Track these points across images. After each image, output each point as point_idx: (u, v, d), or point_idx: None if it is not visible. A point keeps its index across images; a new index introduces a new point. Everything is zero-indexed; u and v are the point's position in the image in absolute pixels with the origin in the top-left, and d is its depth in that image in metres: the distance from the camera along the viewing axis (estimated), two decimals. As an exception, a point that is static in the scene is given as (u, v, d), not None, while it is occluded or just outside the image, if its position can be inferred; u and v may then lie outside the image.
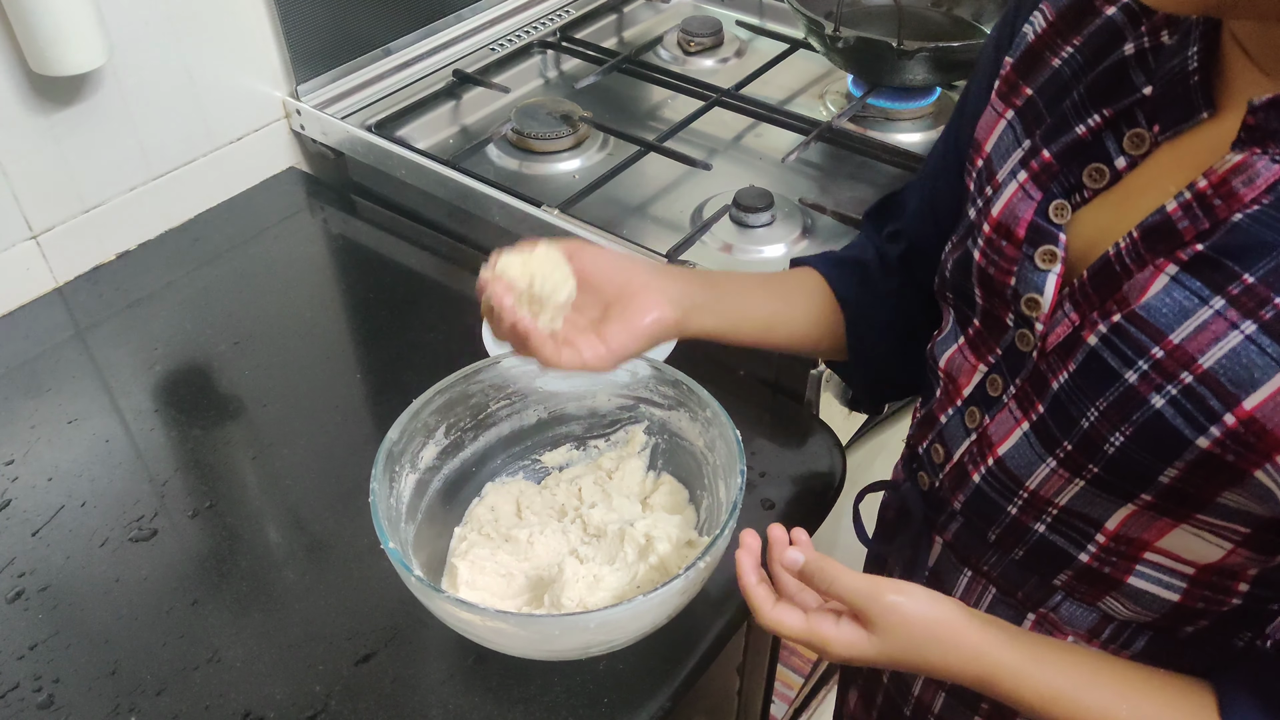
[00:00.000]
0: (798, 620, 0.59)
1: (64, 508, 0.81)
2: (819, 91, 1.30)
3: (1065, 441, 0.55)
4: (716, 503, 0.73)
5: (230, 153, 1.14)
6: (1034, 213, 0.57)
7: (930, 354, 0.68)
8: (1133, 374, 0.51)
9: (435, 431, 0.75)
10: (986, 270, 0.60)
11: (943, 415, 0.67)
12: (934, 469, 0.68)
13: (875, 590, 0.56)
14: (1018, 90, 0.60)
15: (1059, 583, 0.61)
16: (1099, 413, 0.52)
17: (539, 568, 0.73)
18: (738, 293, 0.73)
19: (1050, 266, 0.56)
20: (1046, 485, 0.57)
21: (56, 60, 0.90)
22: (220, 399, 0.92)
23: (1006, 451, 0.59)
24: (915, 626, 0.56)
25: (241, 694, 0.69)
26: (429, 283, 1.06)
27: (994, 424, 0.61)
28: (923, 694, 0.74)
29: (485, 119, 1.26)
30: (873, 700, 0.82)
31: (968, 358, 0.64)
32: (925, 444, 0.69)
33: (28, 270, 1.01)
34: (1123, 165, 0.54)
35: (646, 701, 0.69)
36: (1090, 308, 0.54)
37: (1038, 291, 0.57)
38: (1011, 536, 0.62)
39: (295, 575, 0.77)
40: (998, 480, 0.61)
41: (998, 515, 0.62)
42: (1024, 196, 0.57)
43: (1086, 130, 0.55)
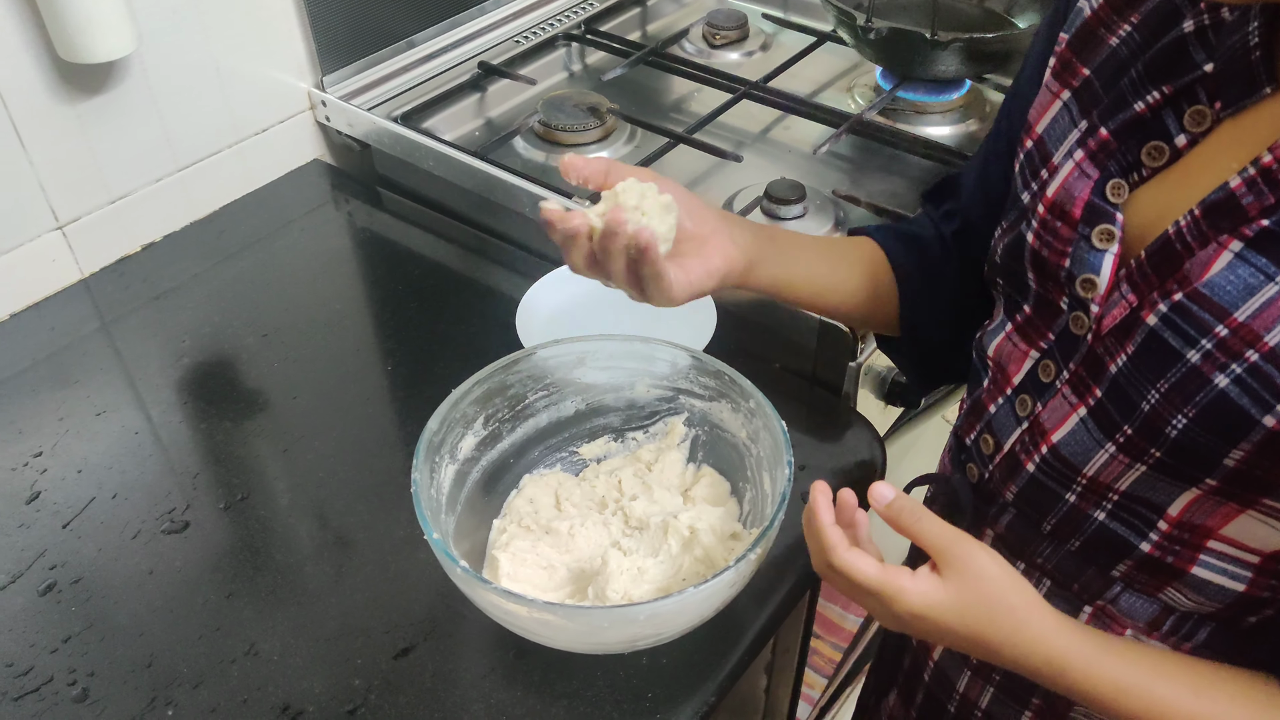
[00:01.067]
0: (872, 565, 0.56)
1: (94, 500, 0.80)
2: (846, 84, 1.29)
3: (1125, 426, 0.54)
4: (761, 495, 0.72)
5: (255, 144, 1.13)
6: (1090, 191, 0.56)
7: (978, 344, 0.67)
8: (1195, 353, 0.50)
9: (474, 422, 0.73)
10: (1040, 252, 0.59)
11: (991, 405, 0.65)
12: (984, 460, 0.66)
13: (961, 536, 0.55)
14: (1074, 70, 0.59)
15: (1118, 574, 0.60)
16: (1160, 394, 0.51)
17: (580, 560, 0.71)
18: (798, 252, 0.73)
19: (1107, 246, 0.55)
20: (1106, 471, 0.56)
21: (85, 47, 0.89)
22: (249, 392, 0.90)
23: (1061, 438, 0.58)
24: (994, 585, 0.54)
25: (279, 687, 0.68)
26: (456, 275, 1.05)
27: (1046, 411, 0.60)
28: (968, 690, 0.73)
29: (510, 111, 1.25)
30: (912, 699, 0.80)
31: (1017, 345, 0.63)
32: (974, 435, 0.68)
33: (54, 261, 1.00)
34: (1183, 143, 0.53)
35: (691, 696, 0.68)
36: (1150, 288, 0.52)
37: (1094, 272, 0.55)
38: (1068, 526, 0.61)
39: (330, 568, 0.76)
40: (1053, 469, 0.60)
41: (1054, 504, 0.61)
42: (1080, 175, 0.56)
43: (1145, 107, 0.54)
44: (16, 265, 0.96)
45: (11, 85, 0.89)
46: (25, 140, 0.92)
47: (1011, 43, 1.13)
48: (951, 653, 0.74)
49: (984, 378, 0.67)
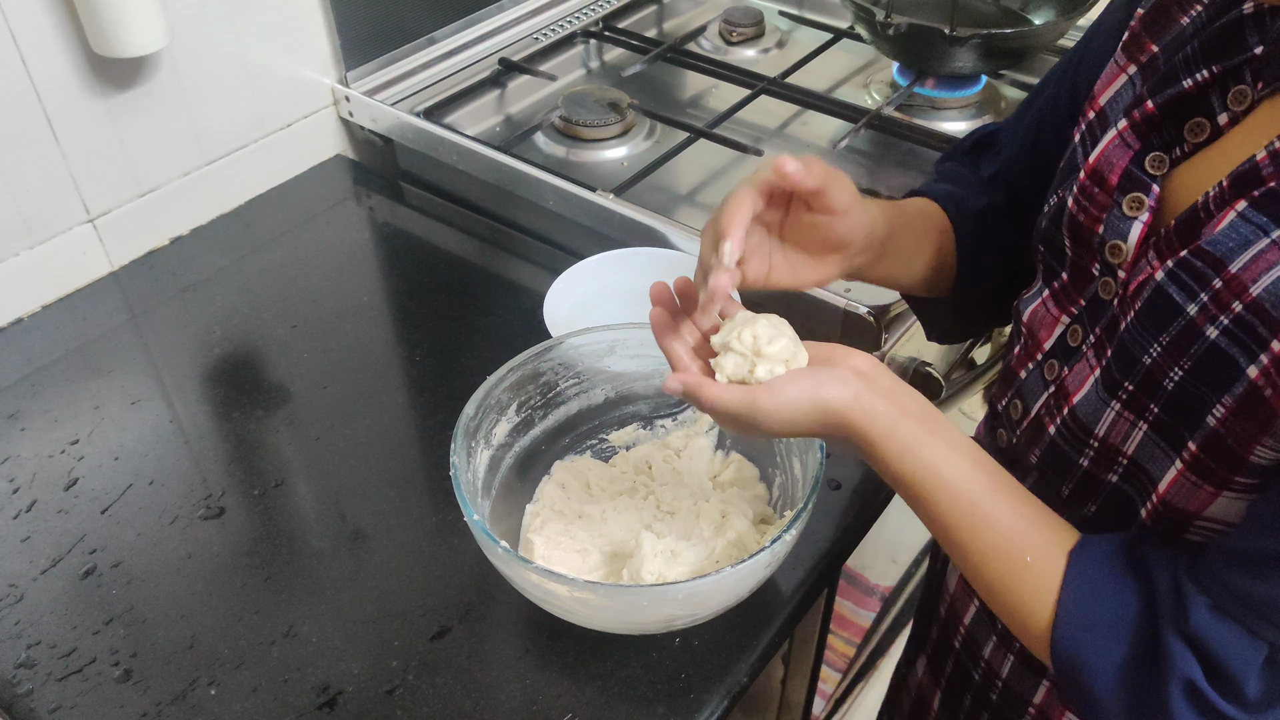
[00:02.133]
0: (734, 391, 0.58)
1: (132, 486, 0.82)
2: (863, 80, 1.30)
3: (1126, 382, 0.55)
4: (791, 479, 0.73)
5: (280, 139, 1.14)
6: (1129, 161, 0.57)
7: (1015, 310, 0.69)
8: (1193, 306, 0.51)
9: (507, 409, 0.75)
10: (1077, 217, 0.60)
11: (1022, 370, 0.67)
12: (1012, 425, 0.68)
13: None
14: (1143, 46, 0.60)
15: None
16: (1161, 348, 0.53)
17: (613, 543, 0.73)
18: (899, 242, 0.72)
19: (1136, 214, 0.56)
20: (1113, 431, 0.57)
21: (119, 41, 0.90)
22: (280, 381, 0.92)
23: (1079, 400, 0.59)
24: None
25: (319, 668, 0.69)
26: (479, 268, 1.06)
27: (1071, 374, 0.61)
28: (992, 658, 0.74)
29: (530, 107, 1.26)
30: (941, 668, 0.82)
31: (1050, 310, 0.64)
32: (1005, 401, 0.69)
33: (85, 254, 1.01)
34: (1224, 121, 0.54)
35: (724, 676, 0.69)
36: (1171, 254, 0.54)
37: (1122, 238, 0.57)
38: (1083, 491, 0.62)
39: (365, 552, 0.77)
40: (1070, 431, 0.61)
41: (1070, 469, 0.62)
42: (1121, 144, 0.58)
43: (1194, 84, 0.55)
44: (49, 257, 0.98)
45: (46, 79, 0.91)
46: (58, 133, 0.94)
47: (1028, 39, 1.15)
48: (979, 618, 0.75)
49: (1016, 343, 0.69)
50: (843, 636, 1.61)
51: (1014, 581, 0.56)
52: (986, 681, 0.75)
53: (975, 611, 0.76)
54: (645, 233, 0.99)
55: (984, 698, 0.75)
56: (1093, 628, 0.53)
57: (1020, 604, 0.56)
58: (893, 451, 0.57)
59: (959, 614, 0.78)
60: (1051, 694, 0.70)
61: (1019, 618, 0.56)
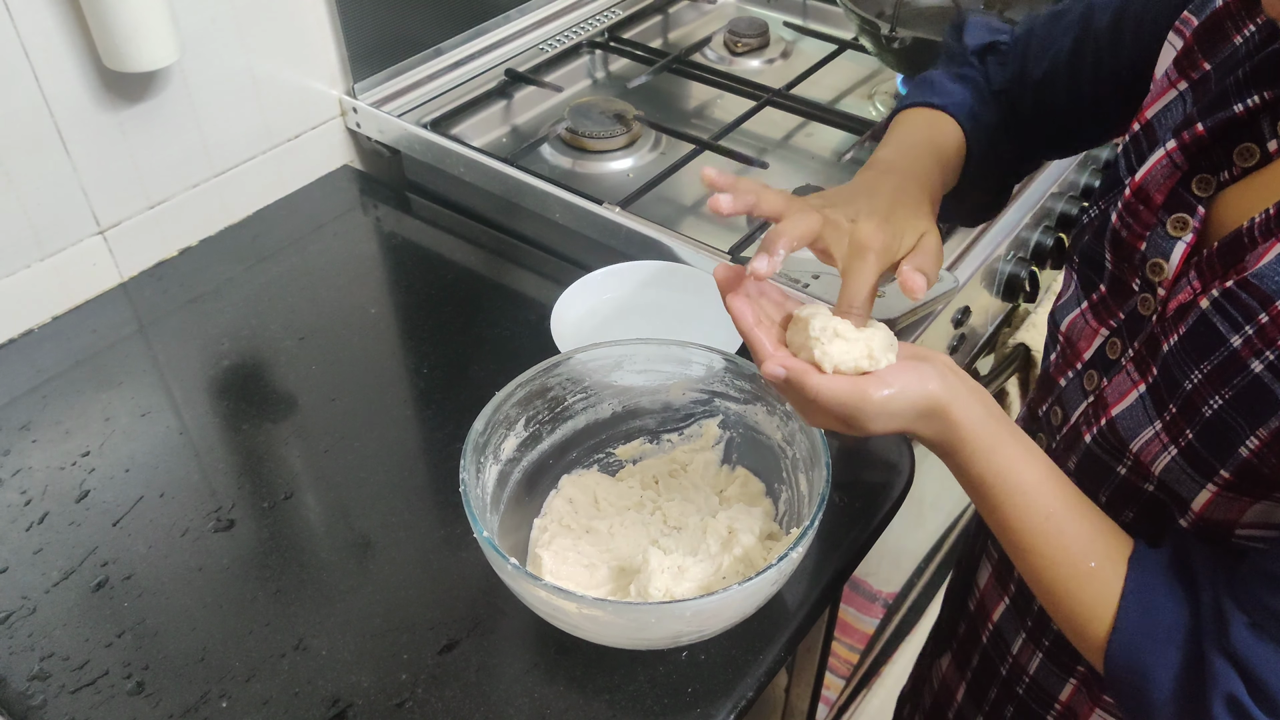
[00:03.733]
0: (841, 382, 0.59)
1: (143, 498, 0.82)
2: (867, 92, 1.31)
3: (1171, 404, 0.56)
4: (797, 496, 0.74)
5: (288, 150, 1.15)
6: (1176, 182, 0.58)
7: (1051, 317, 0.70)
8: (1238, 338, 0.51)
9: (516, 424, 0.75)
10: (1120, 232, 0.61)
11: (1061, 379, 0.68)
12: (1052, 431, 0.69)
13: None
14: (1196, 63, 0.60)
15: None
16: (1202, 376, 0.53)
17: (620, 559, 0.73)
18: (941, 179, 0.74)
19: (1180, 235, 0.57)
20: (1147, 450, 0.58)
21: (131, 56, 0.91)
22: (289, 394, 0.92)
23: (1119, 413, 0.60)
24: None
25: (329, 681, 0.70)
26: (486, 279, 1.07)
27: (1110, 386, 0.62)
28: (1020, 654, 0.75)
29: (536, 118, 1.27)
30: (967, 661, 0.83)
31: (1089, 321, 0.65)
32: (1045, 407, 0.70)
33: (94, 265, 1.02)
34: (1275, 148, 0.55)
35: (730, 690, 0.70)
36: (1214, 277, 0.54)
37: (1164, 257, 0.58)
38: (1121, 498, 0.62)
39: (373, 565, 0.78)
40: (1107, 442, 0.61)
41: (1107, 477, 0.62)
42: (1169, 165, 0.58)
43: (1244, 109, 0.55)
44: (59, 269, 0.98)
45: (58, 93, 0.92)
46: (70, 147, 0.94)
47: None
48: (1009, 615, 0.76)
49: (1053, 350, 0.70)
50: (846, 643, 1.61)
51: (1077, 588, 0.57)
52: (1014, 676, 0.76)
53: (1005, 609, 0.77)
54: (651, 246, 1.00)
55: (1010, 691, 0.77)
56: (1152, 635, 0.54)
57: (1081, 609, 0.57)
58: (978, 451, 0.58)
59: (988, 610, 0.79)
60: (1079, 691, 0.71)
61: (1078, 623, 0.57)
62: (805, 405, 0.60)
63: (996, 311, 1.18)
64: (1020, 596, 0.75)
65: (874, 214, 0.64)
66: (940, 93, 0.78)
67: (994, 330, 1.21)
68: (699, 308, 0.94)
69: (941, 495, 1.49)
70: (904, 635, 1.75)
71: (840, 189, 0.69)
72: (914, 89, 0.80)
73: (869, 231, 0.62)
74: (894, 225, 0.64)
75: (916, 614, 1.76)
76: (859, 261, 0.62)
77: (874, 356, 0.58)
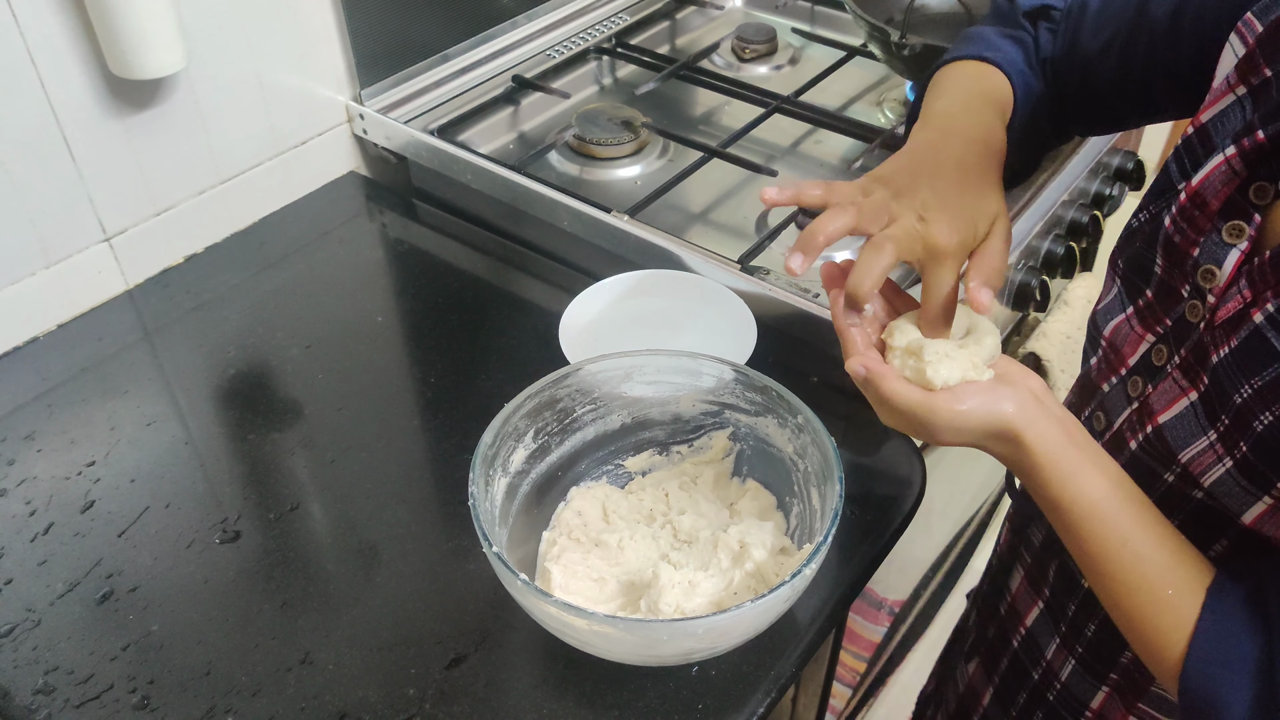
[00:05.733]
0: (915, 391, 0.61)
1: (148, 509, 0.82)
2: (876, 98, 1.30)
3: (1224, 415, 0.55)
4: (809, 510, 0.73)
5: (294, 157, 1.14)
6: (1234, 189, 0.57)
7: (1092, 322, 0.69)
8: None
9: (524, 436, 0.75)
10: (1173, 238, 0.60)
11: (1104, 384, 0.67)
12: (1095, 437, 0.68)
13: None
14: (1258, 69, 0.59)
15: (1213, 554, 0.60)
16: (1252, 390, 0.53)
17: (630, 573, 0.73)
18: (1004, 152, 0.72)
19: (1236, 242, 0.56)
20: (1198, 461, 0.57)
21: (138, 64, 0.90)
22: (295, 403, 0.92)
23: (1167, 421, 0.59)
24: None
25: (336, 696, 0.69)
26: (494, 287, 1.06)
27: (1155, 393, 0.61)
28: (1054, 659, 0.75)
29: (543, 125, 1.26)
30: (996, 665, 0.83)
31: (1135, 328, 0.64)
32: (1087, 412, 0.70)
33: (100, 273, 1.01)
34: None
35: (742, 706, 0.69)
36: (1265, 287, 0.54)
37: (1217, 264, 0.57)
38: (1167, 504, 0.61)
39: (380, 578, 0.77)
40: (1154, 448, 0.61)
41: (1154, 484, 0.62)
42: (1228, 171, 0.57)
43: None
44: (65, 276, 0.98)
45: (64, 100, 0.91)
46: (76, 154, 0.94)
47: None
48: (1043, 620, 0.76)
49: (1093, 355, 0.69)
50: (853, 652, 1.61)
51: (1153, 614, 0.57)
52: (1045, 682, 0.76)
53: (1039, 614, 0.76)
54: (660, 254, 0.99)
55: (1040, 696, 0.76)
56: (1227, 665, 0.54)
57: (1157, 635, 0.56)
58: (1055, 478, 0.58)
59: (1021, 614, 0.79)
60: (1111, 699, 0.70)
61: (1154, 648, 0.57)
62: (879, 405, 0.63)
63: (1007, 321, 1.17)
64: (1055, 601, 0.75)
65: (944, 208, 0.64)
66: (993, 47, 0.76)
67: (1005, 339, 1.20)
68: (709, 317, 0.93)
69: (950, 504, 1.48)
70: (911, 643, 1.74)
71: (900, 163, 0.68)
72: (961, 43, 0.78)
73: (943, 235, 0.63)
74: (965, 216, 0.64)
75: (924, 622, 1.75)
76: (936, 267, 0.63)
77: (977, 366, 0.61)
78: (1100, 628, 0.69)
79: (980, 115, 0.71)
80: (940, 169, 0.66)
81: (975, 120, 0.70)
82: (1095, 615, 0.70)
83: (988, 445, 0.61)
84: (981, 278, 0.63)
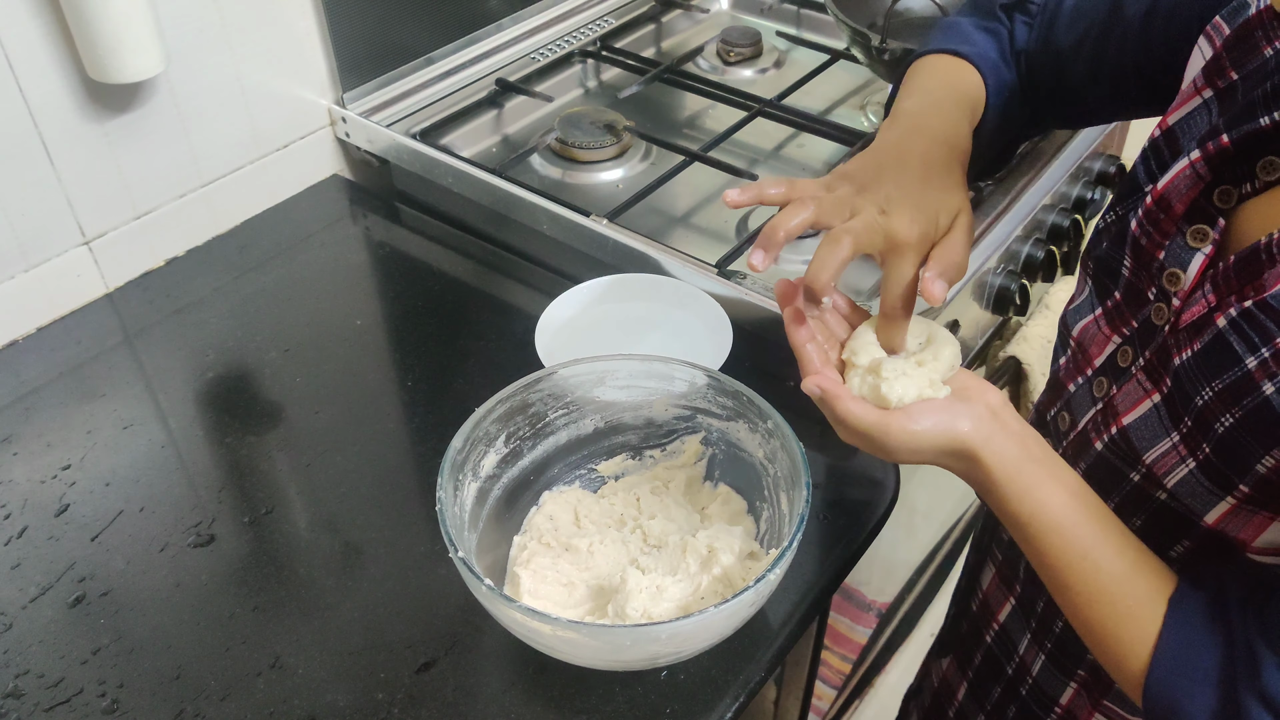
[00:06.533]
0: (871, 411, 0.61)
1: (122, 513, 0.82)
2: (859, 102, 1.30)
3: (1186, 417, 0.55)
4: (778, 514, 0.73)
5: (276, 160, 1.15)
6: (1199, 193, 0.57)
7: (1062, 322, 0.69)
8: (1253, 360, 0.51)
9: (496, 440, 0.75)
10: (1140, 240, 0.61)
11: (1071, 384, 0.68)
12: (1060, 436, 0.69)
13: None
14: (1224, 72, 0.59)
15: (1175, 554, 0.61)
16: (1213, 393, 0.53)
17: (600, 577, 0.73)
18: (969, 150, 0.72)
19: (1200, 246, 0.57)
20: (1161, 462, 0.58)
21: (115, 68, 0.90)
22: (272, 406, 0.92)
23: (1132, 422, 0.60)
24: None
25: (304, 700, 0.70)
26: (474, 290, 1.06)
27: (1120, 394, 0.61)
28: (1026, 654, 0.75)
29: (527, 128, 1.26)
30: (969, 660, 0.83)
31: (1102, 328, 0.65)
32: (1053, 411, 0.70)
33: (79, 276, 1.01)
34: None
35: (710, 710, 0.69)
36: (1229, 291, 0.54)
37: (1181, 268, 0.57)
38: (1130, 505, 0.62)
39: (352, 582, 0.77)
40: (1119, 449, 0.61)
41: (1117, 484, 0.62)
42: (1192, 175, 0.57)
43: (1270, 123, 0.54)
44: (44, 279, 0.98)
45: (42, 104, 0.91)
46: (54, 158, 0.94)
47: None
48: (1015, 616, 0.76)
49: (1062, 354, 0.69)
50: (839, 653, 1.61)
51: (1115, 625, 0.57)
52: (1018, 677, 0.76)
53: (1011, 609, 0.77)
54: (638, 258, 0.99)
55: (1013, 692, 0.77)
56: (1188, 676, 0.54)
57: (1119, 646, 0.57)
58: (1012, 493, 0.58)
59: (993, 610, 0.79)
60: (1079, 695, 0.71)
61: (1117, 659, 0.57)
62: (836, 424, 0.62)
63: (987, 324, 1.18)
64: (1026, 597, 0.75)
65: (906, 201, 0.64)
66: (968, 41, 0.77)
67: (985, 343, 1.20)
68: (687, 321, 0.93)
69: (934, 506, 1.49)
70: (897, 645, 1.74)
71: (866, 159, 0.68)
72: (938, 34, 0.79)
73: (903, 226, 0.63)
74: (927, 210, 0.64)
75: (910, 624, 1.75)
76: (897, 259, 0.63)
77: (934, 384, 0.61)
78: (1068, 625, 0.70)
79: (948, 115, 0.71)
80: (904, 165, 0.66)
81: (942, 119, 0.71)
82: (1063, 612, 0.70)
83: (945, 463, 0.61)
84: (938, 268, 0.62)
